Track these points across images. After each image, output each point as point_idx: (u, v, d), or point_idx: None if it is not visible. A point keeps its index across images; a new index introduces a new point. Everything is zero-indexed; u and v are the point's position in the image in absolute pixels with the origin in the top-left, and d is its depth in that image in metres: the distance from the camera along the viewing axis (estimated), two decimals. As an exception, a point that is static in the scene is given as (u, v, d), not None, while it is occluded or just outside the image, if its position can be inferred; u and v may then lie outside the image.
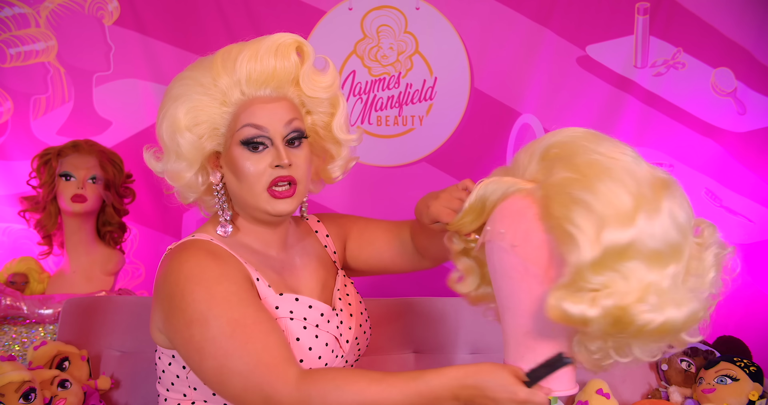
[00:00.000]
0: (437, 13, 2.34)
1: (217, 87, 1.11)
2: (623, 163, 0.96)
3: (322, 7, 2.33)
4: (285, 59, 1.12)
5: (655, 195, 0.93)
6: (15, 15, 2.34)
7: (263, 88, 1.12)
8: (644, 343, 0.96)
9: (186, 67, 1.16)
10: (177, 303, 1.05)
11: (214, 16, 2.33)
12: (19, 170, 2.34)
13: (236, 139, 1.11)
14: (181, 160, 1.13)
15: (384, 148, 2.38)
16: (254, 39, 1.14)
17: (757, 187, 2.35)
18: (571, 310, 0.90)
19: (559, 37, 2.32)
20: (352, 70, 2.35)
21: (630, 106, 2.34)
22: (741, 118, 2.34)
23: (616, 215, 0.90)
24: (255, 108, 1.11)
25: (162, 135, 1.13)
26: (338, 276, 1.31)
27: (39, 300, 2.03)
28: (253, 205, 1.13)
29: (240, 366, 1.00)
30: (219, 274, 1.06)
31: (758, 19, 2.29)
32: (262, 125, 1.11)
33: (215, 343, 1.01)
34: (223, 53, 1.13)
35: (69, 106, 2.38)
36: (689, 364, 1.74)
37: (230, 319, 1.02)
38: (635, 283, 0.90)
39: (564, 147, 1.01)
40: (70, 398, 1.61)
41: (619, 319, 0.90)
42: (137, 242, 2.45)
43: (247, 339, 1.01)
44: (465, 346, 1.82)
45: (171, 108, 1.11)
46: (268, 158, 1.11)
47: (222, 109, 1.12)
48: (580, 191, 0.92)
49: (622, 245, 0.89)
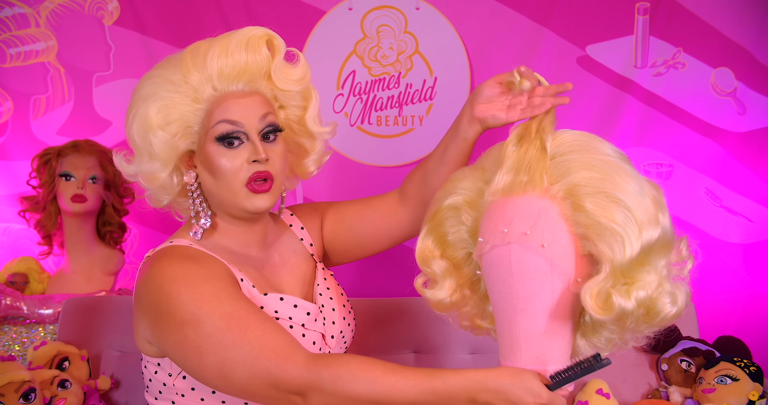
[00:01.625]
0: (437, 13, 2.34)
1: (188, 84, 1.09)
2: (624, 163, 1.02)
3: (322, 7, 2.33)
4: (256, 53, 1.10)
5: (658, 192, 1.00)
6: (15, 15, 2.34)
7: (235, 83, 1.11)
8: (641, 332, 1.03)
9: (152, 68, 1.14)
10: (164, 308, 1.02)
11: (214, 16, 2.33)
12: (19, 170, 2.34)
13: (211, 135, 1.09)
14: (154, 160, 1.10)
15: (384, 148, 2.38)
16: (223, 34, 1.12)
17: (757, 187, 2.35)
18: (619, 302, 0.94)
19: (559, 37, 2.32)
20: (352, 70, 2.35)
21: (630, 106, 2.34)
22: (741, 118, 2.34)
23: (646, 213, 0.96)
24: (228, 103, 1.09)
25: (133, 136, 1.10)
26: (317, 270, 1.29)
27: (39, 300, 2.03)
28: (231, 203, 1.11)
29: (243, 355, 0.98)
30: (204, 274, 1.04)
31: (758, 19, 2.29)
32: (237, 120, 1.09)
33: (212, 339, 0.99)
34: (191, 50, 1.12)
35: (69, 106, 2.38)
36: (689, 364, 1.74)
37: (223, 314, 0.99)
38: (655, 276, 0.97)
39: (573, 147, 1.03)
40: (70, 398, 1.61)
41: (650, 309, 0.97)
42: (137, 242, 2.45)
43: (245, 329, 0.99)
44: (465, 346, 1.82)
45: (141, 107, 1.09)
46: (245, 154, 1.09)
47: (194, 106, 1.10)
48: (614, 190, 0.96)
49: (653, 242, 0.96)
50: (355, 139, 2.38)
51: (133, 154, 1.14)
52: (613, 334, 1.04)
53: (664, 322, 0.99)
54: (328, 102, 2.37)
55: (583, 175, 0.98)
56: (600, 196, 0.96)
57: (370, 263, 2.36)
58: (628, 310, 0.95)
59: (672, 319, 0.99)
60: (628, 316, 0.96)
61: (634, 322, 0.98)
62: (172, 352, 1.05)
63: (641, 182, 0.99)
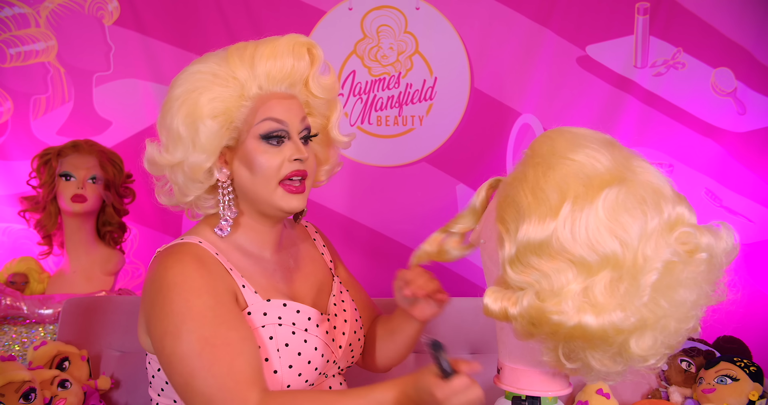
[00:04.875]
0: (437, 13, 2.34)
1: (237, 80, 1.11)
2: (578, 166, 0.95)
3: (322, 7, 2.33)
4: (301, 59, 1.15)
5: (590, 194, 0.91)
6: (15, 15, 2.34)
7: (279, 85, 1.14)
8: (590, 351, 0.94)
9: (190, 64, 1.15)
10: (157, 311, 1.05)
11: (214, 16, 2.33)
12: (19, 170, 2.34)
13: (254, 132, 1.12)
14: (198, 151, 1.10)
15: (384, 148, 2.38)
16: (264, 39, 1.16)
17: (757, 187, 2.35)
18: (491, 306, 0.94)
19: (559, 37, 2.32)
20: (352, 70, 2.35)
21: (630, 106, 2.34)
22: (741, 118, 2.34)
23: (538, 213, 0.91)
24: (273, 103, 1.13)
25: (176, 125, 1.10)
26: (334, 282, 1.32)
27: (39, 300, 2.03)
28: (266, 201, 1.13)
29: (203, 388, 1.01)
30: (200, 286, 1.06)
31: (758, 19, 2.29)
32: (282, 119, 1.12)
33: (183, 360, 1.02)
34: (238, 49, 1.14)
35: (69, 106, 2.38)
36: (689, 364, 1.74)
37: (200, 337, 1.02)
38: (558, 285, 0.90)
39: (535, 147, 1.03)
40: (70, 398, 1.61)
41: (535, 319, 0.91)
42: (137, 242, 2.45)
43: (213, 360, 1.01)
44: (465, 346, 1.82)
45: (189, 98, 1.09)
46: (286, 152, 1.12)
47: (240, 102, 1.12)
48: (517, 190, 0.95)
49: (537, 242, 0.91)
50: (355, 139, 2.37)
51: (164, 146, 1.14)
52: (558, 345, 0.96)
53: (589, 339, 0.91)
54: (328, 102, 2.37)
55: (511, 176, 1.01)
56: (505, 197, 0.98)
57: (370, 263, 2.36)
58: (512, 315, 0.93)
59: (588, 336, 0.90)
60: (514, 322, 0.94)
61: (525, 331, 0.94)
62: (155, 352, 1.08)
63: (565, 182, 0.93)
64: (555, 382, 1.09)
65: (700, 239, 0.93)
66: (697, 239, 0.93)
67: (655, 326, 0.91)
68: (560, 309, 0.89)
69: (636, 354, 0.92)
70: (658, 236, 0.91)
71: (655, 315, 0.90)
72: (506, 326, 1.05)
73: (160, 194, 1.20)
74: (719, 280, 0.98)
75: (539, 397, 1.08)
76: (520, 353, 1.08)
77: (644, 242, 0.90)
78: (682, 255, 0.92)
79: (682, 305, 0.93)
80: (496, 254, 1.00)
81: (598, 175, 0.93)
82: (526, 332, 0.94)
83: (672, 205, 0.94)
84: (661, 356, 0.95)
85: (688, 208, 0.96)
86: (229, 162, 1.15)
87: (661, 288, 0.90)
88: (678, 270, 0.91)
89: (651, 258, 0.90)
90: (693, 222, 0.95)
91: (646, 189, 0.94)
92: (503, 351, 1.12)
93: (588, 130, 1.03)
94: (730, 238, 0.97)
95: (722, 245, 0.96)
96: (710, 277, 0.96)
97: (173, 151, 1.12)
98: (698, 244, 0.93)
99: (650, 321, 0.90)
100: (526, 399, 1.08)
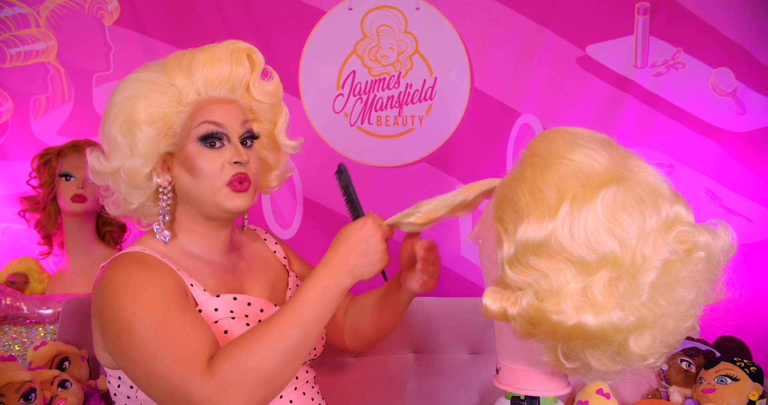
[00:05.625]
0: (437, 13, 2.34)
1: (174, 86, 1.13)
2: (576, 166, 0.94)
3: (322, 7, 2.33)
4: (239, 64, 1.16)
5: (588, 194, 0.91)
6: (15, 15, 2.34)
7: (218, 90, 1.15)
8: (589, 351, 0.94)
9: (130, 73, 1.16)
10: (107, 314, 1.04)
11: (214, 16, 2.33)
12: (19, 170, 2.33)
13: (193, 136, 1.13)
14: (136, 157, 1.11)
15: (384, 148, 2.38)
16: (203, 46, 1.18)
17: (757, 187, 2.35)
18: (490, 306, 0.95)
19: (559, 37, 2.32)
20: (352, 70, 2.35)
21: (630, 106, 2.34)
22: (741, 118, 2.34)
23: (536, 213, 0.91)
24: (211, 107, 1.14)
25: (113, 133, 1.12)
26: (290, 277, 1.33)
27: (39, 300, 2.03)
28: (211, 203, 1.14)
29: (162, 368, 0.97)
30: (146, 280, 1.05)
31: (758, 19, 2.29)
32: (220, 122, 1.13)
33: (140, 349, 0.99)
34: (175, 57, 1.16)
35: (69, 106, 2.38)
36: (689, 364, 1.74)
37: (153, 323, 1.00)
38: (557, 285, 0.90)
39: (533, 147, 1.03)
40: (70, 398, 1.61)
41: (534, 319, 0.91)
42: (137, 242, 2.45)
43: (169, 339, 0.99)
44: (465, 346, 1.82)
45: (125, 105, 1.11)
46: (226, 155, 1.13)
47: (178, 107, 1.13)
48: (515, 190, 0.95)
49: (536, 242, 0.91)
50: (355, 139, 2.38)
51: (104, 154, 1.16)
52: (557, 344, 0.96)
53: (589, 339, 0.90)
54: (328, 102, 2.37)
55: (509, 176, 1.01)
56: (504, 197, 0.98)
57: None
58: (511, 315, 0.93)
59: (588, 336, 0.90)
60: (514, 322, 0.94)
61: (524, 331, 0.94)
62: (115, 359, 1.06)
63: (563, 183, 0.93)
64: (554, 381, 1.09)
65: (698, 238, 0.93)
66: (695, 238, 0.93)
67: (654, 325, 0.91)
68: (559, 309, 0.89)
69: (635, 353, 0.92)
70: (656, 235, 0.91)
71: (654, 314, 0.90)
72: (505, 326, 1.05)
73: (108, 204, 1.22)
74: (717, 279, 0.97)
75: (538, 397, 1.08)
76: (519, 353, 1.08)
77: (643, 241, 0.90)
78: (681, 254, 0.92)
79: (681, 304, 0.93)
80: (494, 254, 1.00)
81: (596, 174, 0.93)
82: (526, 332, 0.94)
83: (670, 204, 0.94)
84: (660, 355, 0.95)
85: (685, 207, 0.96)
86: (171, 168, 1.16)
87: (660, 287, 0.90)
88: (677, 269, 0.91)
89: (649, 257, 0.89)
90: (690, 221, 0.95)
91: (644, 188, 0.94)
92: (502, 351, 1.12)
93: (585, 130, 1.03)
94: (727, 236, 0.97)
95: (720, 244, 0.96)
96: (709, 275, 0.96)
97: (112, 158, 1.13)
98: (696, 242, 0.93)
99: (649, 320, 0.90)
100: (525, 399, 1.08)
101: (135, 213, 1.22)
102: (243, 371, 0.95)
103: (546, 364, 0.99)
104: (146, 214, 1.21)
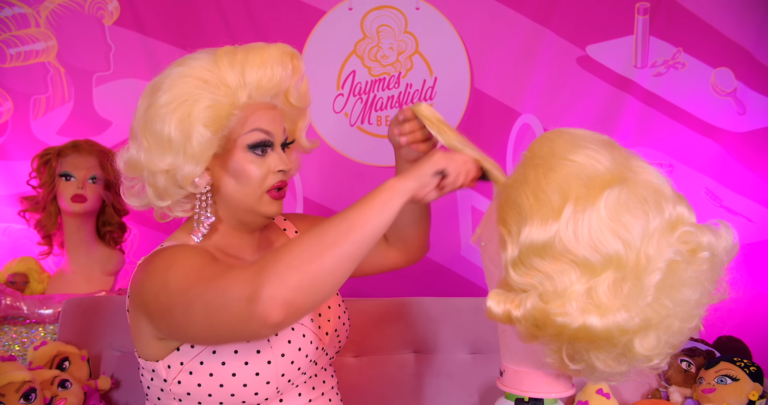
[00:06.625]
0: (437, 13, 2.34)
1: (228, 87, 1.10)
2: (579, 167, 0.94)
3: (322, 7, 2.33)
4: (286, 69, 1.15)
5: (591, 195, 0.91)
6: (15, 15, 2.34)
7: (266, 95, 1.14)
8: (594, 352, 0.94)
9: (172, 67, 1.14)
10: (161, 298, 1.01)
11: (214, 16, 2.33)
12: (19, 170, 2.34)
13: (242, 142, 1.11)
14: (189, 158, 1.08)
15: (384, 148, 2.38)
16: (250, 45, 1.15)
17: (757, 187, 2.35)
18: (494, 309, 0.94)
19: (559, 37, 2.32)
20: (352, 70, 2.35)
21: (630, 106, 2.34)
22: (741, 118, 2.34)
23: (540, 214, 0.91)
24: (261, 113, 1.13)
25: (168, 132, 1.07)
26: None
27: (39, 300, 2.03)
28: (250, 208, 1.14)
29: (217, 299, 0.93)
30: (190, 254, 1.04)
31: (758, 19, 2.29)
32: (270, 130, 1.13)
33: (178, 285, 0.98)
34: (227, 54, 1.12)
35: (69, 106, 2.38)
36: (689, 364, 1.74)
37: (192, 265, 1.00)
38: (561, 287, 0.90)
39: (534, 149, 1.02)
40: (70, 398, 1.61)
41: (539, 321, 0.91)
42: (137, 242, 2.45)
43: (210, 276, 0.96)
44: (465, 346, 1.82)
45: (183, 104, 1.07)
46: (270, 162, 1.13)
47: (231, 111, 1.10)
48: (518, 192, 0.95)
49: (540, 244, 0.91)
50: (355, 139, 2.38)
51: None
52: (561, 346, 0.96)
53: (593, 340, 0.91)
54: (328, 102, 2.37)
55: (512, 177, 1.00)
56: (507, 200, 0.98)
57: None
58: (515, 318, 0.93)
59: (593, 337, 0.90)
60: (518, 324, 0.93)
61: (529, 333, 0.93)
62: (176, 331, 1.02)
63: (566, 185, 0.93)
64: (558, 383, 1.09)
65: (701, 238, 0.93)
66: (698, 238, 0.93)
67: (659, 326, 0.91)
68: (564, 310, 0.89)
69: (640, 354, 0.92)
70: (660, 236, 0.91)
71: (659, 315, 0.90)
72: (509, 329, 1.05)
73: (128, 196, 1.18)
74: (721, 279, 0.97)
75: (542, 399, 1.08)
76: (523, 355, 1.08)
77: (647, 242, 0.90)
78: (685, 254, 0.92)
79: (686, 304, 0.93)
80: (497, 256, 1.00)
81: (598, 175, 0.93)
82: (530, 334, 0.94)
83: (673, 204, 0.94)
84: (664, 356, 0.95)
85: (687, 208, 0.96)
86: (210, 169, 1.13)
87: (665, 288, 0.90)
88: (681, 269, 0.91)
89: (654, 258, 0.90)
90: (693, 221, 0.95)
91: (647, 189, 0.94)
92: (506, 353, 1.12)
93: (586, 131, 1.03)
94: (729, 236, 0.97)
95: (723, 244, 0.96)
96: (712, 275, 0.96)
97: (161, 157, 1.09)
98: (700, 243, 0.93)
99: (654, 321, 0.90)
100: (529, 401, 1.08)
101: (162, 208, 1.17)
102: (279, 254, 0.93)
103: (550, 365, 0.99)
104: (175, 209, 1.18)
